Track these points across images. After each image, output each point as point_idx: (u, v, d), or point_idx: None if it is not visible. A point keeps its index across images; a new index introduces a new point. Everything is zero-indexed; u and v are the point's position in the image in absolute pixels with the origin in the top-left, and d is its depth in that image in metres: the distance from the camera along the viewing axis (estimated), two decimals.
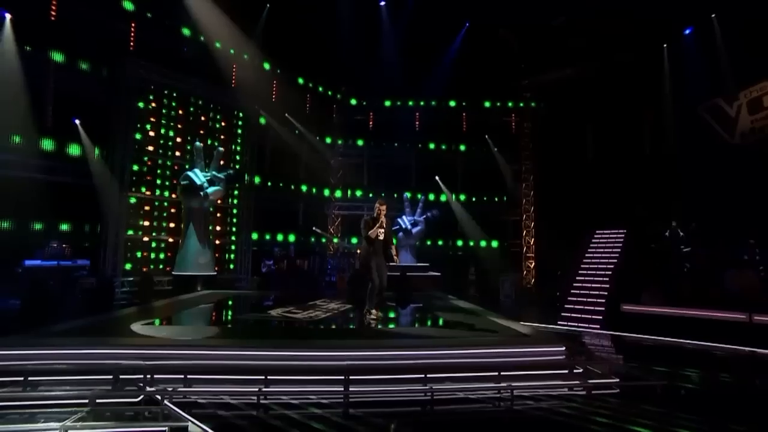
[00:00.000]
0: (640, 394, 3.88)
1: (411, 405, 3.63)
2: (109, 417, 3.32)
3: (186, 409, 3.32)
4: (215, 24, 11.28)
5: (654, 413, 3.42)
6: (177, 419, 3.15)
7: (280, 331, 5.30)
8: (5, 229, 8.26)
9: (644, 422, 3.24)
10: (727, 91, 12.62)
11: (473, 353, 4.10)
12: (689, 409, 3.53)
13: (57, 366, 3.91)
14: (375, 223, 6.05)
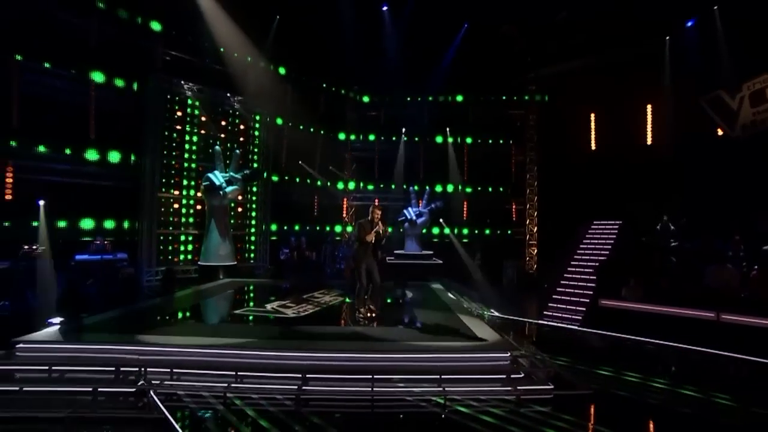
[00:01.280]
0: (567, 401, 3.97)
1: (357, 402, 3.92)
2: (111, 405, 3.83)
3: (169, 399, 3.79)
4: (231, 36, 11.53)
5: (569, 422, 3.53)
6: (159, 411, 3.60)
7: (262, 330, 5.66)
8: (62, 228, 9.09)
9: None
10: (730, 82, 11.68)
11: (416, 357, 4.33)
12: (604, 419, 3.60)
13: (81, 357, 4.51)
14: (371, 227, 6.16)
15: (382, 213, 6.33)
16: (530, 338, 6.36)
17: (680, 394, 4.33)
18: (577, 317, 8.91)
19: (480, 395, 3.97)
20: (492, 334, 5.25)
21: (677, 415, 3.89)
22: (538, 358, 4.88)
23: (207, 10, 10.98)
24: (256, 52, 12.19)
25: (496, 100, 16.15)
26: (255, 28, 12.03)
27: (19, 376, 4.38)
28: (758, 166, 10.70)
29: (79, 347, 4.70)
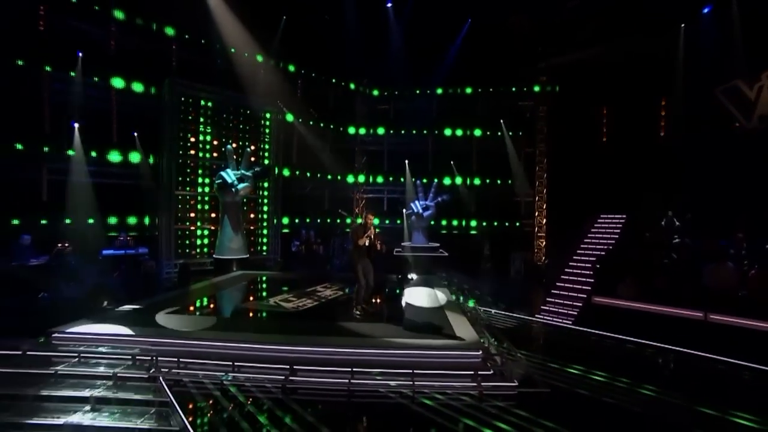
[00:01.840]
0: (528, 398, 4.36)
1: (337, 393, 4.46)
2: (127, 386, 4.51)
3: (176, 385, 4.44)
4: (240, 37, 12.01)
5: (520, 416, 3.95)
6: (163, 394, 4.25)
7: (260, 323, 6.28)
8: (91, 224, 9.99)
9: (503, 426, 3.80)
10: (748, 72, 11.28)
11: (392, 353, 4.82)
12: (559, 417, 3.95)
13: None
14: (364, 231, 6.70)
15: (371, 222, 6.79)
16: (514, 335, 6.70)
17: (639, 393, 4.64)
18: (572, 314, 9.11)
19: (447, 390, 4.43)
20: (471, 333, 5.65)
21: (626, 414, 4.22)
22: (510, 357, 5.27)
23: (217, 13, 11.47)
24: (264, 51, 12.67)
25: (506, 92, 16.08)
26: (263, 28, 12.48)
27: (55, 360, 5.15)
28: None
29: (104, 337, 5.43)
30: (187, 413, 3.91)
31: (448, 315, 6.57)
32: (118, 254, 9.34)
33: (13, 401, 4.19)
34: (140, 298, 7.33)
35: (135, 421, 3.97)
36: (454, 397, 4.31)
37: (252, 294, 8.72)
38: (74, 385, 4.58)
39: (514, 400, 4.35)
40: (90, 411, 4.11)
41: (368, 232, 6.63)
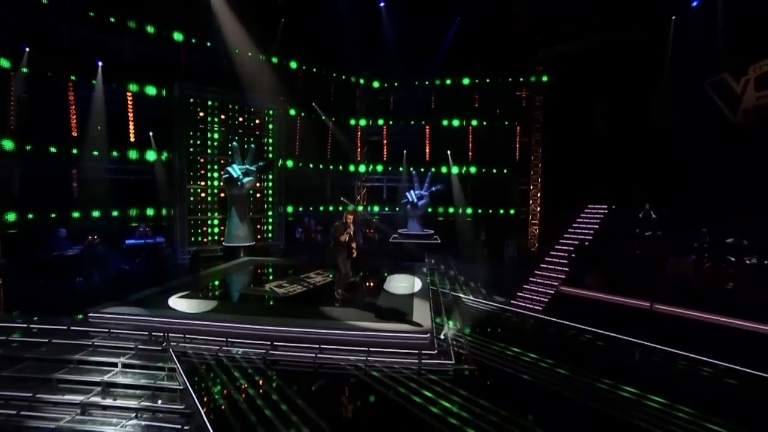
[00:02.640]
0: (460, 374, 5.44)
1: (306, 365, 5.66)
2: (145, 356, 5.85)
3: (183, 356, 5.73)
4: (243, 37, 12.94)
5: (446, 389, 5.04)
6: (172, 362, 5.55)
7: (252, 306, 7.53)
8: (115, 216, 11.45)
9: (429, 395, 4.90)
10: (735, 65, 11.48)
11: (352, 333, 5.98)
12: (478, 390, 5.00)
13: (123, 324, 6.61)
14: (344, 229, 7.76)
15: (354, 218, 7.83)
16: (475, 321, 7.75)
17: (557, 373, 5.64)
18: (544, 302, 10.00)
19: (393, 365, 5.56)
20: (427, 318, 6.73)
21: (538, 389, 5.23)
22: (458, 340, 6.35)
23: (220, 15, 12.40)
24: (266, 50, 13.60)
25: (503, 82, 16.49)
26: (264, 28, 13.38)
27: (91, 334, 6.53)
28: (756, 155, 10.83)
29: (127, 317, 6.79)
30: (188, 376, 5.18)
31: (416, 301, 7.64)
32: (138, 243, 10.78)
33: (62, 364, 5.57)
34: (157, 282, 8.69)
35: (151, 381, 5.30)
36: (397, 371, 5.44)
37: (251, 280, 9.99)
38: (106, 353, 5.94)
39: (448, 375, 5.45)
40: (118, 373, 5.46)
41: (348, 229, 7.68)
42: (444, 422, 4.29)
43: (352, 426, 4.51)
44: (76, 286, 8.65)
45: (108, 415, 4.91)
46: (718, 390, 5.50)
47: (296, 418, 4.33)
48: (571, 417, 4.65)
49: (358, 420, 4.61)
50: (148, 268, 10.07)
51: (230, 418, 4.32)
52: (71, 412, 4.90)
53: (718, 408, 4.66)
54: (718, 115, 12.08)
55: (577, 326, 7.70)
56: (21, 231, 9.76)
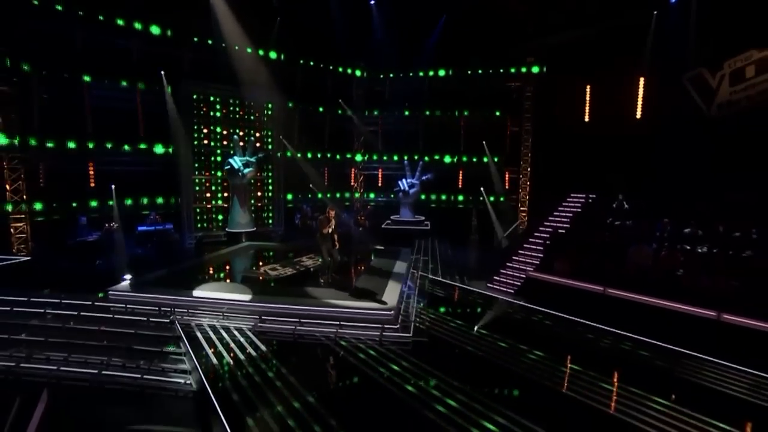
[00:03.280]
0: (418, 345, 6.54)
1: (287, 335, 6.84)
2: (155, 326, 7.09)
3: (186, 327, 6.96)
4: (242, 35, 13.81)
5: (399, 355, 6.15)
6: (177, 331, 6.78)
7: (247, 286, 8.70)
8: (129, 205, 12.71)
9: (389, 363, 6.03)
10: (712, 60, 11.95)
11: (326, 309, 7.12)
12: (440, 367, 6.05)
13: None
14: (327, 222, 8.83)
15: (336, 213, 8.88)
16: (443, 302, 8.82)
17: (498, 346, 6.69)
18: (516, 286, 10.96)
19: (359, 336, 6.70)
20: (395, 298, 7.83)
21: (476, 358, 6.30)
22: (420, 317, 7.44)
23: (220, 14, 13.27)
24: (264, 45, 14.47)
25: (495, 73, 17.04)
26: (261, 24, 14.24)
27: (111, 308, 7.81)
28: (727, 149, 11.46)
29: (140, 294, 8.05)
30: (190, 342, 6.40)
31: (390, 283, 8.74)
32: (149, 230, 12.06)
33: (89, 334, 6.86)
34: (166, 265, 9.95)
35: (160, 347, 6.54)
36: (362, 341, 6.58)
37: (248, 263, 11.19)
38: (124, 324, 7.22)
39: (407, 345, 6.56)
40: (134, 339, 6.72)
41: (331, 222, 8.75)
42: (393, 382, 5.41)
43: (320, 383, 5.66)
44: (97, 268, 9.97)
45: (127, 370, 6.17)
46: (639, 365, 6.46)
47: (272, 373, 5.51)
48: (499, 381, 5.69)
49: (324, 379, 5.76)
50: (158, 253, 11.36)
51: (223, 375, 5.51)
52: (98, 368, 6.18)
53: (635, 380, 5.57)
54: (695, 108, 12.63)
55: (535, 308, 8.70)
56: (47, 219, 11.10)
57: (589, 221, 12.45)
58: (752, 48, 11.25)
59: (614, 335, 7.26)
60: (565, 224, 13.03)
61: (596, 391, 5.25)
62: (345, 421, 4.45)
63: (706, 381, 5.71)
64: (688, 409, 4.79)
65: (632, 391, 5.24)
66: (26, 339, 6.59)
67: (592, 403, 5.00)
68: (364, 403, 5.11)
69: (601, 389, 5.31)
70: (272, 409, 4.68)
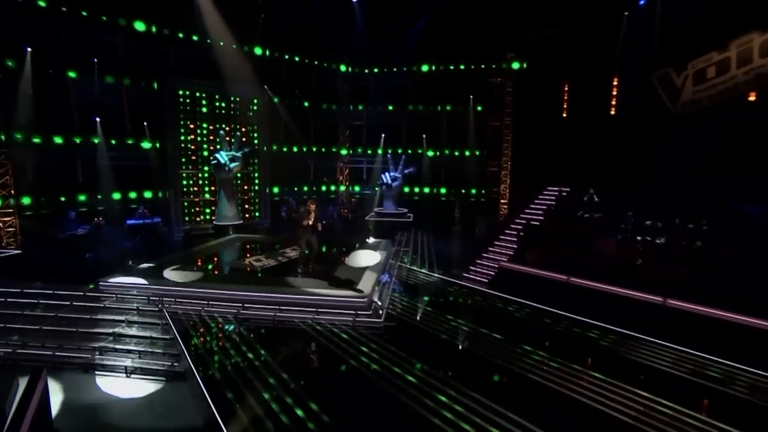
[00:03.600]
0: (389, 329, 7.17)
1: (267, 320, 7.42)
2: (145, 314, 7.62)
3: (173, 314, 7.50)
4: (226, 31, 14.09)
5: (369, 338, 6.77)
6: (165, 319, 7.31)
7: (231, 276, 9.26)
8: (117, 199, 13.08)
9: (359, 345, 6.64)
10: (678, 61, 12.61)
11: (303, 297, 7.70)
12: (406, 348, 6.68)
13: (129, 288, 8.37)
14: (308, 215, 9.37)
15: (316, 206, 9.41)
16: (417, 290, 9.46)
17: (462, 330, 7.35)
18: (490, 275, 11.61)
19: (334, 321, 7.30)
20: (370, 286, 8.43)
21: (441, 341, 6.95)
22: (392, 304, 8.07)
23: (204, 11, 13.52)
24: (249, 41, 14.76)
25: (476, 69, 17.54)
26: (246, 21, 14.53)
27: (103, 298, 8.30)
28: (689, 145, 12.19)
29: (130, 284, 8.54)
30: (177, 329, 6.94)
31: (367, 272, 9.34)
32: (138, 223, 12.47)
33: (80, 322, 7.36)
34: (154, 257, 10.41)
35: (149, 333, 7.07)
36: (337, 326, 7.19)
37: (234, 254, 11.70)
38: (115, 312, 7.73)
39: (378, 329, 7.18)
40: (125, 328, 7.25)
41: (310, 215, 9.28)
42: (361, 362, 6.03)
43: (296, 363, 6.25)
44: (87, 261, 10.41)
45: (119, 356, 6.70)
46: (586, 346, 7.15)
47: (252, 355, 6.10)
48: (458, 360, 6.35)
49: (300, 360, 6.35)
50: (147, 245, 11.80)
51: (208, 360, 6.07)
52: (92, 353, 6.70)
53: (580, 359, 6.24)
54: (663, 106, 13.31)
55: (503, 296, 9.37)
56: (36, 213, 11.45)
57: (561, 214, 13.15)
58: (713, 50, 11.91)
59: (570, 320, 7.96)
60: (539, 217, 13.72)
61: (544, 369, 5.92)
62: (317, 396, 5.04)
63: (642, 358, 6.42)
64: (622, 383, 5.47)
65: (574, 367, 5.92)
66: (20, 327, 7.07)
67: (538, 379, 5.67)
68: (334, 380, 5.73)
69: (550, 368, 5.99)
70: (252, 388, 5.26)
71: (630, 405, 4.99)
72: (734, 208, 10.58)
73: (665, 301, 8.16)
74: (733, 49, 11.58)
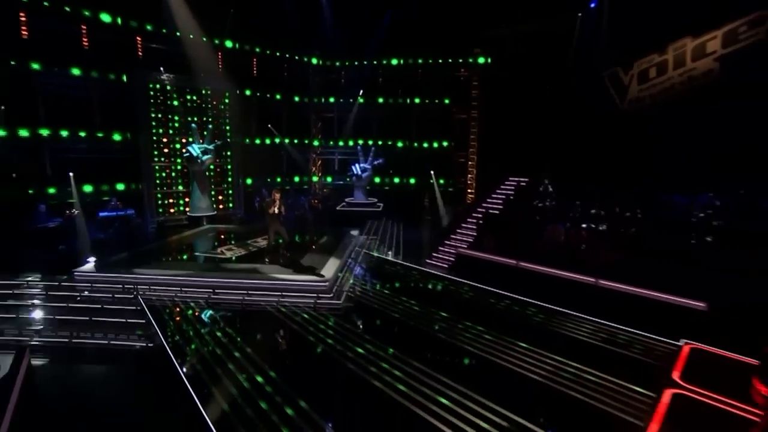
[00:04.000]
0: (348, 310, 7.98)
1: (236, 304, 8.12)
2: (120, 301, 8.19)
3: (147, 301, 8.10)
4: (196, 24, 14.35)
5: (330, 320, 7.57)
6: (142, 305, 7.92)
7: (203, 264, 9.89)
8: (89, 192, 13.35)
9: (318, 324, 7.44)
10: (625, 61, 13.67)
11: (269, 282, 8.43)
12: (353, 323, 7.53)
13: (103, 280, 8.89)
14: (273, 204, 10.00)
15: (281, 196, 10.04)
16: (375, 274, 10.29)
17: (413, 309, 8.23)
18: (450, 261, 12.58)
19: (297, 303, 8.07)
20: (332, 272, 9.21)
21: (394, 319, 7.82)
22: (353, 288, 8.88)
23: (174, 5, 13.73)
24: (220, 35, 15.03)
25: (444, 63, 18.28)
26: (216, 14, 14.77)
27: (78, 288, 8.79)
28: (634, 139, 13.30)
29: (105, 275, 9.06)
30: (153, 314, 7.57)
31: (331, 259, 10.11)
32: (111, 215, 12.83)
33: (57, 310, 7.88)
34: (128, 248, 10.89)
35: (125, 319, 7.67)
36: (300, 308, 7.96)
37: (207, 244, 12.25)
38: (90, 300, 8.27)
39: (338, 310, 7.99)
40: (102, 313, 7.82)
41: (276, 204, 9.92)
42: (321, 339, 6.83)
43: (261, 341, 7.00)
44: (60, 252, 10.79)
45: (96, 338, 7.30)
46: (522, 321, 8.14)
47: (221, 333, 6.82)
48: (407, 336, 7.21)
49: (265, 338, 7.11)
50: (121, 236, 12.21)
51: (180, 341, 6.74)
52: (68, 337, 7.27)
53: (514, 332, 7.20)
54: (613, 102, 14.39)
55: (457, 280, 10.31)
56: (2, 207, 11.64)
57: (518, 203, 14.17)
58: (654, 52, 12.99)
59: (512, 299, 8.95)
60: (499, 206, 14.73)
61: (481, 341, 6.85)
62: (277, 369, 5.80)
63: (565, 330, 7.45)
64: (545, 350, 6.43)
65: (507, 339, 6.87)
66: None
67: (472, 349, 6.59)
68: (295, 354, 6.52)
69: (485, 340, 6.91)
70: (221, 363, 5.99)
71: (543, 367, 5.96)
72: (665, 198, 11.78)
73: (597, 281, 9.24)
74: (670, 52, 12.67)
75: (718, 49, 11.75)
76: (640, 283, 8.61)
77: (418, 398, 5.12)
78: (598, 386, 5.49)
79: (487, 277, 10.19)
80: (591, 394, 5.33)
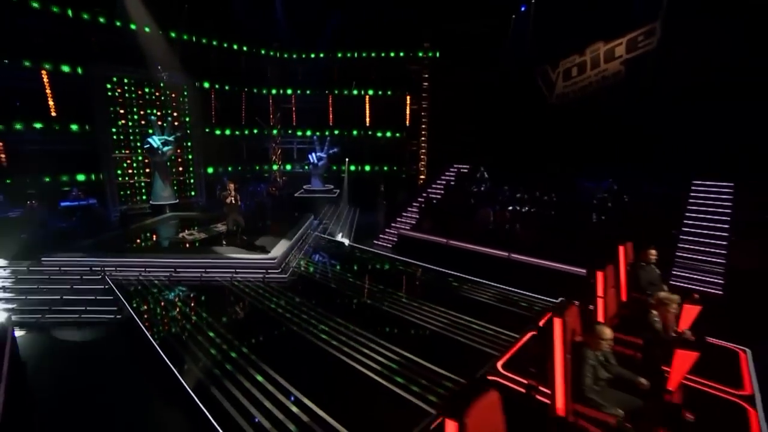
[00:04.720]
0: (294, 282, 9.43)
1: (195, 280, 9.40)
2: (89, 281, 9.29)
3: (115, 280, 9.24)
4: (151, 18, 14.97)
5: (279, 291, 9.00)
6: (109, 284, 9.07)
7: (167, 247, 11.06)
8: (47, 181, 14.00)
9: (267, 294, 8.86)
10: (552, 59, 15.46)
11: (224, 260, 9.77)
12: (302, 295, 8.97)
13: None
14: (229, 194, 11.20)
15: (236, 186, 11.25)
16: (321, 252, 11.76)
17: (348, 281, 9.76)
18: (393, 242, 14.21)
19: (248, 278, 9.45)
20: (282, 251, 10.60)
21: (331, 289, 9.33)
22: (299, 265, 10.32)
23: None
24: (175, 28, 15.68)
25: (396, 57, 19.57)
26: (171, 7, 15.39)
27: (47, 271, 9.77)
28: (560, 130, 15.17)
29: (73, 258, 10.07)
30: (119, 290, 8.75)
31: (282, 240, 11.48)
32: (73, 205, 13.60)
33: (28, 293, 8.90)
34: (92, 236, 11.82)
35: (94, 297, 8.81)
36: (252, 282, 9.35)
37: (170, 230, 13.31)
38: (60, 282, 9.33)
39: (284, 283, 9.42)
40: (71, 291, 8.92)
41: (231, 194, 11.13)
42: (270, 308, 8.25)
43: (217, 311, 8.31)
44: (23, 241, 11.58)
45: (69, 312, 8.43)
46: (442, 289, 9.81)
47: (182, 304, 8.13)
48: (340, 302, 8.73)
49: (221, 308, 8.45)
50: (83, 225, 13.05)
51: (146, 313, 7.99)
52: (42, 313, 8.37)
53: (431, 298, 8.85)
54: (543, 97, 16.22)
55: (395, 257, 11.93)
56: None
57: (457, 188, 15.88)
58: (575, 53, 14.80)
59: (436, 272, 10.64)
60: (440, 191, 16.42)
61: (399, 304, 8.47)
62: (233, 336, 7.18)
63: (472, 294, 9.19)
64: (455, 311, 8.09)
65: (419, 302, 8.52)
66: None
67: (392, 311, 8.19)
68: (247, 322, 7.94)
69: (402, 303, 8.54)
70: (182, 329, 7.31)
71: (444, 321, 7.65)
72: (579, 184, 13.76)
73: (509, 255, 11.07)
74: (587, 53, 14.52)
75: (624, 53, 13.66)
76: (543, 255, 10.47)
77: (347, 350, 6.60)
78: (479, 332, 7.22)
79: (422, 254, 11.86)
80: (471, 337, 7.04)
